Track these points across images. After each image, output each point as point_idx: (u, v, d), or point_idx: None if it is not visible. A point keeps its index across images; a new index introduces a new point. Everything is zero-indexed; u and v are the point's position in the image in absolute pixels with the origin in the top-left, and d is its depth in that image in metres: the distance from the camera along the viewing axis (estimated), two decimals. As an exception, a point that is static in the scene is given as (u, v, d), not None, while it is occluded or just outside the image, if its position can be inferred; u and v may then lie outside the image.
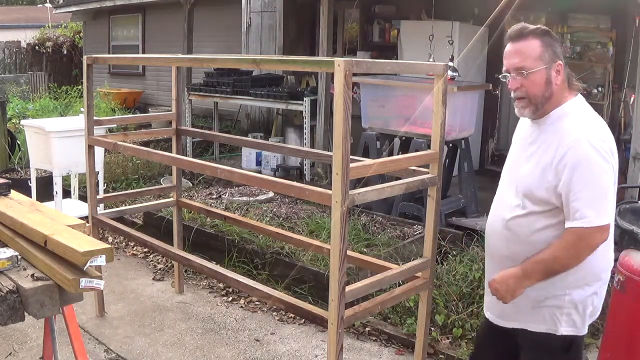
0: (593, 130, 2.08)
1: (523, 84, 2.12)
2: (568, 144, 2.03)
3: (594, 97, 6.74)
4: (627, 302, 2.74)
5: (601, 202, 2.02)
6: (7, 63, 16.92)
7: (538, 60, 2.10)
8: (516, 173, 2.24)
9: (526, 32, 2.12)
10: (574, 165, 2.01)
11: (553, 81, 2.11)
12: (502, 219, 2.25)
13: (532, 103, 2.14)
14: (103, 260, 1.96)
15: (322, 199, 2.42)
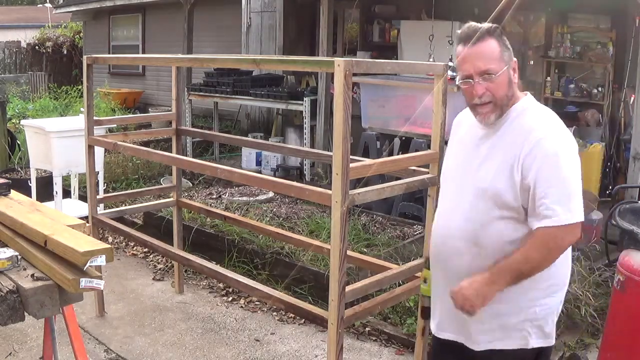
0: (557, 125, 1.98)
1: (489, 88, 1.98)
2: (535, 139, 1.91)
3: (594, 97, 6.74)
4: (627, 302, 2.74)
5: (572, 199, 1.89)
6: (7, 63, 16.93)
7: (501, 61, 1.99)
8: (473, 177, 2.04)
9: (482, 33, 1.99)
10: (542, 161, 1.89)
11: (514, 81, 2.02)
12: (462, 232, 2.03)
13: (498, 106, 2.01)
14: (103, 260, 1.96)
15: (322, 199, 2.42)
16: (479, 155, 2.04)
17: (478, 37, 1.97)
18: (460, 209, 2.05)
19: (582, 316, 3.58)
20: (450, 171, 2.19)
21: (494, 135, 2.03)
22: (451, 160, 2.21)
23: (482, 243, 1.99)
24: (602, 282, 3.88)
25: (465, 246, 2.02)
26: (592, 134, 6.50)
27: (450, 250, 2.07)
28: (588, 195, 5.20)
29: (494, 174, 1.97)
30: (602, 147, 5.95)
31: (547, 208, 1.87)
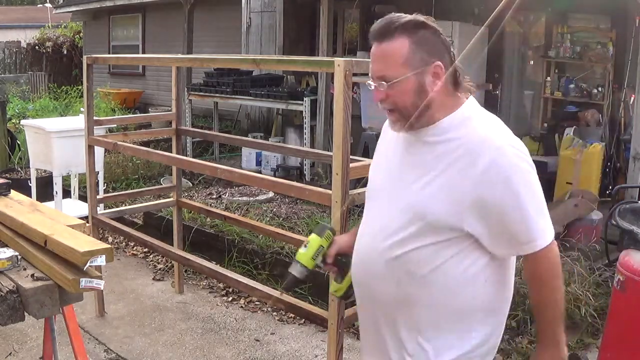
0: (509, 135, 1.68)
1: (389, 94, 1.67)
2: (490, 155, 1.59)
3: (594, 97, 6.74)
4: (627, 302, 2.75)
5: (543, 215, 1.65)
6: (7, 63, 16.94)
7: (404, 66, 1.64)
8: (403, 196, 1.72)
9: (393, 28, 1.66)
10: (504, 180, 1.59)
11: (428, 88, 1.65)
12: (386, 256, 1.73)
13: (404, 116, 1.69)
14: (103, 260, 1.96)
15: (322, 199, 2.42)
16: (412, 170, 1.72)
17: (386, 32, 1.67)
18: (385, 231, 1.75)
19: (582, 316, 3.58)
20: (376, 187, 1.86)
21: (430, 147, 1.70)
22: (378, 173, 1.88)
23: (411, 270, 1.70)
24: (602, 282, 3.89)
25: (389, 273, 1.73)
26: (592, 134, 6.50)
27: (372, 277, 1.79)
28: (588, 195, 5.21)
29: (433, 196, 1.66)
30: (602, 147, 5.95)
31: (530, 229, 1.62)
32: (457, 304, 1.71)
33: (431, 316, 1.73)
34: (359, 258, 1.85)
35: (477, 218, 1.62)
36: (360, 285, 1.87)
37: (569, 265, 3.94)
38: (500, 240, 1.65)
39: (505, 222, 1.62)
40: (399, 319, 1.76)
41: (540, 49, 7.39)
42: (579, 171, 5.79)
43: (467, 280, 1.69)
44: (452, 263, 1.67)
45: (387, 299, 1.77)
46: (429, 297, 1.71)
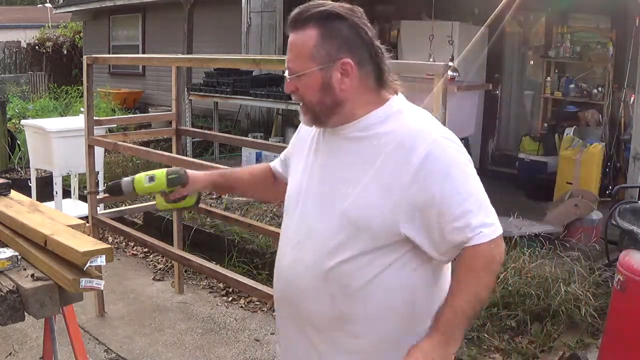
0: (442, 127, 1.57)
1: (298, 86, 1.56)
2: (422, 149, 1.46)
3: (594, 97, 6.74)
4: (627, 302, 2.75)
5: (485, 209, 1.50)
6: (7, 63, 16.94)
7: (309, 60, 1.52)
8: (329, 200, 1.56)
9: (305, 16, 1.55)
10: (442, 174, 1.46)
11: (336, 86, 1.52)
12: (317, 269, 1.55)
13: (310, 112, 1.57)
14: (103, 261, 1.96)
15: (322, 199, 2.41)
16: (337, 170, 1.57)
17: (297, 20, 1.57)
18: (312, 241, 1.57)
19: (582, 316, 3.58)
20: (296, 192, 1.66)
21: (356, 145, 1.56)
22: (296, 178, 1.69)
23: (345, 283, 1.53)
24: (602, 282, 3.89)
25: (321, 288, 1.55)
26: (592, 134, 6.50)
27: (300, 294, 1.60)
28: (588, 195, 5.21)
29: (361, 195, 1.50)
30: (602, 147, 5.96)
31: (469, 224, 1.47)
32: (400, 318, 1.54)
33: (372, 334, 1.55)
34: (284, 274, 1.66)
35: (414, 219, 1.48)
36: (288, 305, 1.66)
37: (568, 265, 3.94)
38: (441, 242, 1.49)
39: (446, 220, 1.47)
40: (338, 341, 1.57)
41: (540, 49, 7.40)
42: (579, 171, 5.79)
43: (407, 291, 1.53)
44: (390, 273, 1.51)
45: (320, 319, 1.58)
46: (367, 313, 1.53)
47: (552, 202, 5.64)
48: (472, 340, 3.54)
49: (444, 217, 1.46)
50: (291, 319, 1.68)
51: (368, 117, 1.55)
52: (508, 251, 4.10)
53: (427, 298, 1.56)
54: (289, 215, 1.69)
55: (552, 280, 3.74)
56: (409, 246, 1.51)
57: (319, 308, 1.57)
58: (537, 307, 3.65)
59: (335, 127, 1.58)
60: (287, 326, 1.71)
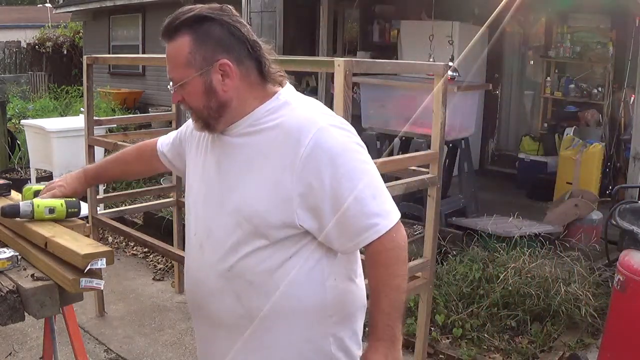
0: (333, 115, 1.55)
1: (183, 95, 1.55)
2: (309, 139, 1.44)
3: (594, 97, 6.75)
4: (627, 302, 2.75)
5: (380, 197, 1.48)
6: (7, 63, 16.94)
7: (187, 67, 1.51)
8: (225, 198, 1.55)
9: (175, 26, 1.57)
10: (331, 161, 1.43)
11: (219, 88, 1.51)
12: (219, 268, 1.55)
13: (200, 118, 1.56)
14: (104, 263, 1.96)
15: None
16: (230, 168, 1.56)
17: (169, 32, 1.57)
18: (212, 241, 1.57)
19: (582, 316, 3.58)
20: (194, 194, 1.67)
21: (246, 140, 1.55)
22: (194, 180, 1.69)
23: (248, 279, 1.52)
24: (602, 282, 3.89)
25: (226, 287, 1.55)
26: (592, 134, 6.51)
27: (207, 295, 1.60)
28: (588, 195, 5.22)
29: (255, 195, 1.49)
30: (602, 147, 5.96)
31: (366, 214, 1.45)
32: (306, 311, 1.53)
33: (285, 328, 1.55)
34: (190, 277, 1.67)
35: (308, 209, 1.46)
36: (199, 308, 1.66)
37: (568, 265, 3.94)
38: (337, 232, 1.47)
39: (340, 210, 1.44)
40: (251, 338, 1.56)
41: (540, 49, 7.40)
42: (579, 171, 5.80)
43: (312, 282, 1.53)
44: (292, 265, 1.50)
45: (230, 318, 1.57)
46: (275, 307, 1.52)
47: (552, 202, 5.64)
48: (472, 340, 3.54)
49: (337, 207, 1.44)
50: (203, 321, 1.67)
51: (255, 112, 1.54)
52: (508, 251, 4.10)
53: (337, 289, 1.56)
54: (190, 218, 1.69)
55: (552, 280, 3.74)
56: (308, 237, 1.50)
57: (227, 307, 1.57)
58: (537, 307, 3.65)
59: (226, 128, 1.57)
60: (201, 329, 1.71)
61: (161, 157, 1.97)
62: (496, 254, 4.11)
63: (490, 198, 6.06)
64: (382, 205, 1.47)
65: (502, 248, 4.14)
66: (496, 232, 4.54)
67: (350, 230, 1.46)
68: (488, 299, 3.73)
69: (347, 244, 1.49)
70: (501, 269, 3.89)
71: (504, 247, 4.15)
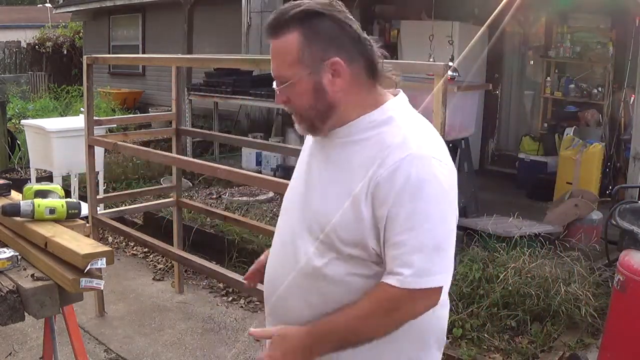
0: (429, 143, 1.42)
1: (289, 97, 1.47)
2: (393, 162, 1.36)
3: (594, 97, 6.75)
4: (627, 302, 2.75)
5: (435, 253, 1.37)
6: (7, 63, 16.94)
7: (296, 66, 1.42)
8: (311, 206, 1.52)
9: (283, 21, 1.42)
10: (400, 193, 1.35)
11: (329, 89, 1.43)
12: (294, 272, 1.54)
13: (305, 119, 1.50)
14: (104, 263, 1.96)
15: (322, 199, 2.41)
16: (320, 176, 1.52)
17: (277, 25, 1.43)
18: (292, 243, 1.55)
19: (582, 316, 3.58)
20: (289, 197, 1.65)
21: (341, 149, 1.49)
22: (293, 181, 1.66)
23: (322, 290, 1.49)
24: (602, 282, 3.89)
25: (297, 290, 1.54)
26: (592, 134, 6.51)
27: (280, 293, 1.59)
28: (588, 195, 5.21)
29: (333, 206, 1.44)
30: (602, 147, 5.96)
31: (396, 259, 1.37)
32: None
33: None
34: (269, 272, 1.67)
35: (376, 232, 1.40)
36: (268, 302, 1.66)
37: (568, 265, 3.94)
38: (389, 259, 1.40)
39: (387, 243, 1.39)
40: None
41: (540, 49, 7.40)
42: (579, 171, 5.79)
43: None
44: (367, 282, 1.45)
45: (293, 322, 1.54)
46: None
47: (552, 202, 5.64)
48: (472, 340, 3.54)
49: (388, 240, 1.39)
50: (271, 317, 1.65)
51: (357, 121, 1.47)
52: (508, 251, 4.10)
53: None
54: (280, 217, 1.67)
55: (552, 280, 3.74)
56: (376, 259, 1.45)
57: (295, 311, 1.54)
58: (537, 307, 3.65)
59: (330, 132, 1.50)
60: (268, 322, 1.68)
61: None
62: (496, 254, 4.11)
63: (490, 198, 6.06)
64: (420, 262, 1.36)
65: (502, 248, 4.14)
66: (496, 232, 4.54)
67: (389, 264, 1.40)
68: (488, 299, 3.73)
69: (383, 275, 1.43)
70: (501, 269, 3.89)
71: (504, 247, 4.15)
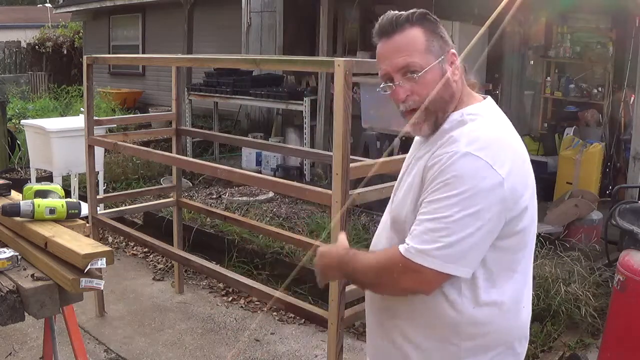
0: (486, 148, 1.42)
1: (413, 89, 1.49)
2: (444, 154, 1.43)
3: (594, 97, 6.75)
4: (627, 302, 2.75)
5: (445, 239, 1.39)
6: (7, 63, 16.94)
7: (427, 53, 1.48)
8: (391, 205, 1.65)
9: (401, 20, 1.52)
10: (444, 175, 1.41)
11: (451, 79, 1.51)
12: None
13: (431, 113, 1.51)
14: (103, 263, 1.96)
15: (322, 199, 2.42)
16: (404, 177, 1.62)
17: (393, 26, 1.52)
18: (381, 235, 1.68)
19: (582, 316, 3.58)
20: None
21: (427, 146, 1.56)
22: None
23: None
24: (602, 282, 3.89)
25: None
26: (592, 134, 6.51)
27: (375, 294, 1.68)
28: (588, 195, 5.21)
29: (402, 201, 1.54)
30: (602, 147, 5.96)
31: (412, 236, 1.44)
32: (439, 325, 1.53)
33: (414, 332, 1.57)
34: None
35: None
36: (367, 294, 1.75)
37: (568, 266, 3.94)
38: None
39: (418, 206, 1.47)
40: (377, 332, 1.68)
41: (540, 49, 7.39)
42: (579, 171, 5.79)
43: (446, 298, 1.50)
44: None
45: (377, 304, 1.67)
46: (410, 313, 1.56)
47: (552, 202, 5.64)
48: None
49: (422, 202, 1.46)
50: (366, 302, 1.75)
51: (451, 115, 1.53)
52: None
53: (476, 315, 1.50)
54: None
55: (552, 280, 3.74)
56: None
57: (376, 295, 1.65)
58: (537, 307, 3.65)
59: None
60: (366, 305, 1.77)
61: None
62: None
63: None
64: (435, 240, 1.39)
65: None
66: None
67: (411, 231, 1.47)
68: (488, 299, 3.72)
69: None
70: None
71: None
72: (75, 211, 2.20)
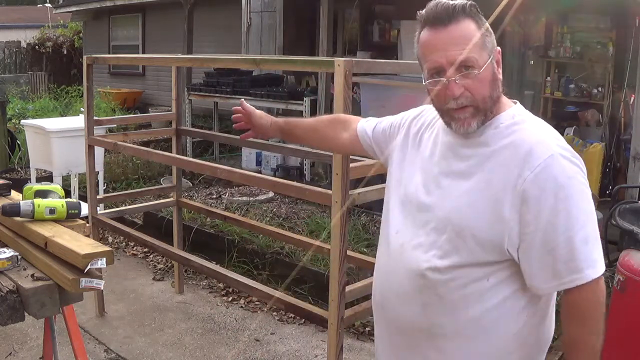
0: (562, 143, 1.40)
1: (468, 86, 1.41)
2: (538, 163, 1.34)
3: (594, 97, 6.74)
4: (627, 302, 2.75)
5: (597, 238, 1.37)
6: (7, 63, 16.94)
7: (483, 49, 1.42)
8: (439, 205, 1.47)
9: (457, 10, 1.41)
10: (554, 192, 1.33)
11: (499, 77, 1.47)
12: (413, 274, 1.48)
13: (481, 111, 1.43)
14: (104, 263, 1.96)
15: (322, 199, 2.42)
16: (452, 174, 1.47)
17: (449, 15, 1.41)
18: (414, 244, 1.50)
19: (582, 316, 3.57)
20: (402, 190, 1.59)
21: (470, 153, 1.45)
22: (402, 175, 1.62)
23: (440, 293, 1.45)
24: (602, 282, 3.88)
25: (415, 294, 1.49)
26: (592, 134, 6.51)
27: (394, 297, 1.55)
28: (588, 195, 5.21)
29: (470, 206, 1.41)
30: (602, 147, 5.96)
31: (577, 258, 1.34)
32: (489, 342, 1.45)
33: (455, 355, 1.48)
34: (382, 275, 1.61)
35: (519, 235, 1.37)
36: (381, 307, 1.62)
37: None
38: (539, 268, 1.37)
39: (549, 245, 1.34)
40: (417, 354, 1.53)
41: (540, 49, 7.39)
42: (579, 171, 5.79)
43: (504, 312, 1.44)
44: (486, 289, 1.42)
45: (407, 327, 1.53)
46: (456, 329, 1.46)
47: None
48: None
49: (546, 241, 1.35)
50: (383, 322, 1.62)
51: (495, 120, 1.45)
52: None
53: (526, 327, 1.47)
54: (392, 215, 1.61)
55: (552, 280, 3.73)
56: (508, 263, 1.42)
57: (410, 316, 1.51)
58: (537, 307, 3.64)
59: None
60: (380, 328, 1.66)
61: (362, 134, 1.87)
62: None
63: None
64: (591, 253, 1.35)
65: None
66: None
67: (553, 270, 1.36)
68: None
69: (546, 284, 1.39)
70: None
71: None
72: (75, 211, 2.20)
